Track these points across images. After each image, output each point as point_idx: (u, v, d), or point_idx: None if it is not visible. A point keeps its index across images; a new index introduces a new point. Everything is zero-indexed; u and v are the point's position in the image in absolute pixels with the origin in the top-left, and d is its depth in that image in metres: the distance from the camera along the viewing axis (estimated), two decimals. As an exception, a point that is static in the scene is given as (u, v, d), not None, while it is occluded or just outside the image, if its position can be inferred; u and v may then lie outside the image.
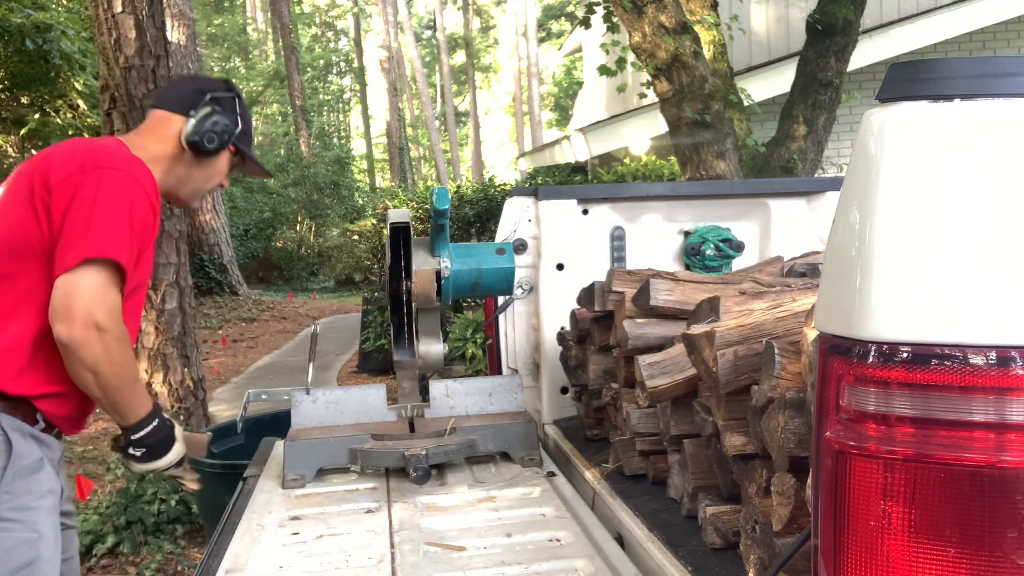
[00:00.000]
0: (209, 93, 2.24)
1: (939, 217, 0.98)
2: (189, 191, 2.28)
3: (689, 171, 6.21)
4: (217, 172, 2.29)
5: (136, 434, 2.08)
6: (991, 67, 1.00)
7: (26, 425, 2.02)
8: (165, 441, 2.14)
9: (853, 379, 1.01)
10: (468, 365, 7.41)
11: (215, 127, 2.18)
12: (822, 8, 6.78)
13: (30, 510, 1.99)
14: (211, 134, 2.18)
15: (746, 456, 1.68)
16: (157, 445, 2.12)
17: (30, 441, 2.03)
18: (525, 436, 2.50)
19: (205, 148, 2.18)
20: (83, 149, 2.02)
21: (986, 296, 0.95)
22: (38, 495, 2.02)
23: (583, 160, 12.09)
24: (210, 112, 2.19)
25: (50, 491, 2.07)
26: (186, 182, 2.25)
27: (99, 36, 5.14)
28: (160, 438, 2.12)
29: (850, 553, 1.02)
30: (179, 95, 2.25)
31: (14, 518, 1.96)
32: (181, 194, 2.27)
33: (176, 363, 5.24)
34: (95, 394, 1.97)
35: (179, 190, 2.26)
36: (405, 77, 36.70)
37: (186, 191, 2.27)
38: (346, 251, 19.51)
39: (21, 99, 10.39)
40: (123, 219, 1.94)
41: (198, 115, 2.18)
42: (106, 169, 1.96)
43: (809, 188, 3.21)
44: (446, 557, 1.88)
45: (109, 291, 1.90)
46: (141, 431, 2.08)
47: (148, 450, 2.12)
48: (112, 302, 1.90)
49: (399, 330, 2.66)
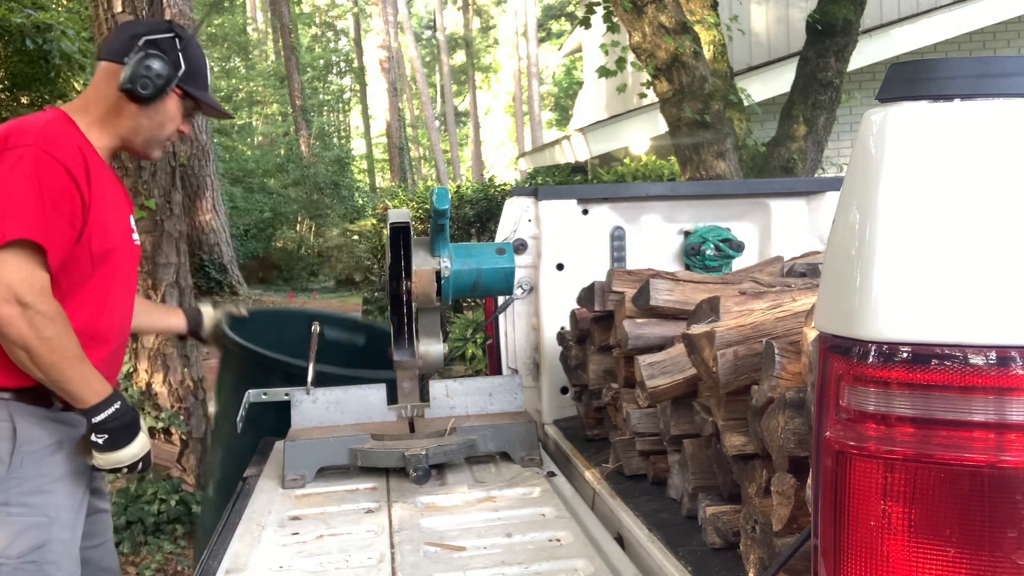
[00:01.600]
0: (144, 37, 2.15)
1: (939, 217, 0.98)
2: (142, 141, 2.22)
3: (689, 171, 6.22)
4: (168, 118, 2.22)
5: (96, 416, 2.04)
6: (991, 67, 1.00)
7: (41, 409, 2.05)
8: (129, 428, 2.10)
9: (853, 379, 1.01)
10: (468, 365, 7.42)
11: (148, 71, 2.10)
12: (822, 8, 6.78)
13: (42, 493, 2.01)
14: (144, 79, 2.10)
15: (746, 456, 1.68)
16: (120, 431, 2.08)
17: (46, 424, 2.05)
18: (525, 436, 2.50)
19: (140, 94, 2.11)
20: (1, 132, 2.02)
21: (986, 296, 0.95)
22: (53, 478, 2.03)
23: (583, 160, 12.09)
24: (143, 57, 2.11)
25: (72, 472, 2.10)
26: (136, 132, 2.19)
27: (99, 36, 5.14)
28: (123, 423, 2.08)
29: (850, 553, 1.02)
30: (115, 42, 2.19)
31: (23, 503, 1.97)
32: (136, 145, 2.23)
33: (176, 363, 5.24)
34: (35, 374, 1.95)
35: (133, 142, 2.21)
36: (405, 77, 36.70)
37: (139, 141, 2.22)
38: (346, 251, 19.50)
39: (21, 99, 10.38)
40: (31, 195, 1.91)
41: (131, 60, 2.11)
42: (10, 151, 1.95)
43: (809, 188, 3.21)
44: (446, 557, 1.88)
45: (26, 267, 1.89)
46: (101, 413, 2.04)
47: (110, 436, 2.07)
48: (35, 279, 1.90)
49: (399, 330, 2.66)
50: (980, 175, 0.97)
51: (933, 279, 0.97)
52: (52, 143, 1.99)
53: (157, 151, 2.29)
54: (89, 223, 2.04)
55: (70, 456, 2.08)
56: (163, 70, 2.12)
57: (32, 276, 1.90)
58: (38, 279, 1.91)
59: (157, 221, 4.99)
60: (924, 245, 0.97)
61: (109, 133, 2.17)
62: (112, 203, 2.19)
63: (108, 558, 2.34)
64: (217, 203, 15.57)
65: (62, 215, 1.97)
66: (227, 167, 20.82)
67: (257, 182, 22.08)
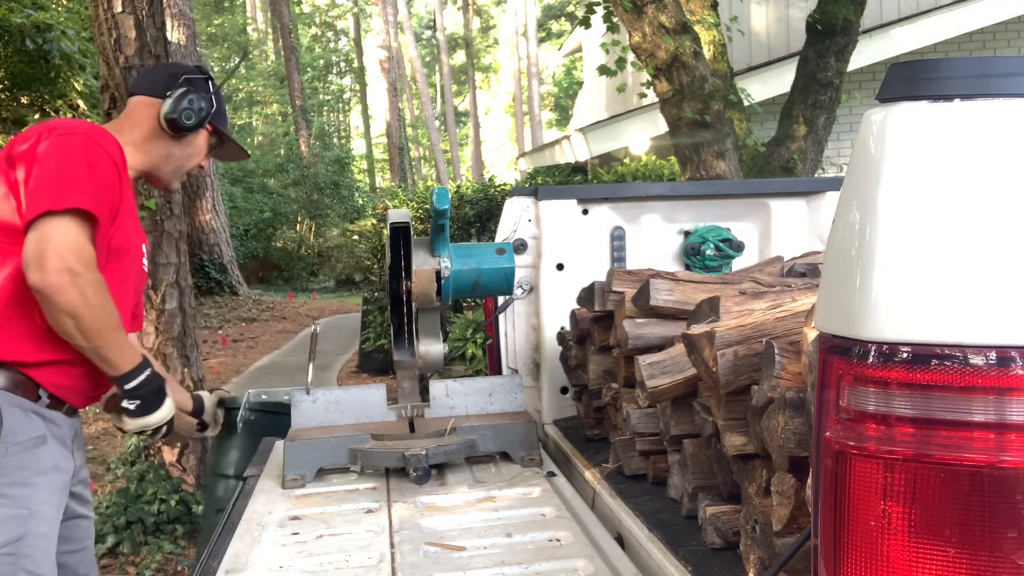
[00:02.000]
0: (183, 75, 2.35)
1: (939, 217, 0.98)
2: (170, 170, 2.37)
3: (689, 171, 6.22)
4: (196, 151, 2.40)
5: (129, 383, 2.10)
6: (991, 67, 1.00)
7: (27, 401, 2.05)
8: (158, 393, 2.18)
9: (853, 379, 1.01)
10: (468, 365, 7.42)
11: (191, 105, 2.29)
12: (822, 8, 6.78)
13: (24, 486, 2.00)
14: (188, 111, 2.29)
15: (746, 456, 1.68)
16: (150, 396, 2.15)
17: (31, 417, 2.05)
18: (525, 436, 2.50)
19: (183, 124, 2.29)
20: (42, 125, 2.13)
21: (986, 296, 0.95)
22: (36, 472, 2.03)
23: (583, 160, 12.09)
24: (186, 91, 2.30)
25: (55, 468, 2.09)
26: (167, 161, 2.35)
27: (99, 36, 5.14)
28: (153, 388, 2.15)
29: (850, 553, 1.02)
30: (154, 79, 2.38)
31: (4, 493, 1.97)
32: (163, 174, 2.37)
33: (176, 363, 5.24)
34: (79, 342, 2.00)
35: (160, 170, 2.35)
36: (405, 77, 36.69)
37: (167, 170, 2.37)
38: (346, 251, 19.51)
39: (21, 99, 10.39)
40: (81, 172, 2.01)
41: (175, 94, 2.29)
42: (62, 134, 2.06)
43: (809, 188, 3.21)
44: (446, 557, 1.88)
45: (78, 237, 1.96)
46: (134, 380, 2.11)
47: (142, 402, 2.14)
48: (83, 247, 1.96)
49: (399, 330, 2.66)
50: (980, 175, 0.97)
51: (933, 279, 0.97)
52: (101, 136, 2.12)
53: (178, 182, 2.45)
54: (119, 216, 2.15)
55: (53, 453, 2.08)
56: (203, 105, 2.32)
57: (83, 246, 1.97)
58: (88, 250, 1.98)
59: (157, 221, 4.99)
60: (924, 245, 0.97)
61: (141, 158, 2.31)
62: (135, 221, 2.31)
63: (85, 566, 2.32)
64: (217, 203, 15.58)
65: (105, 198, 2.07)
66: (227, 167, 20.81)
67: (257, 182, 22.08)
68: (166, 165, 2.36)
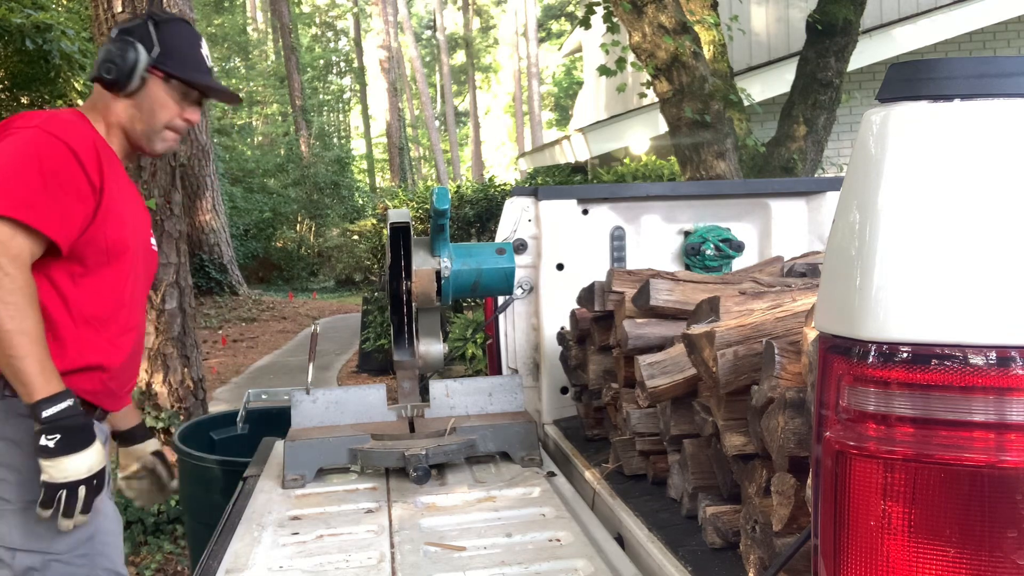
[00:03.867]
0: (119, 30, 2.17)
1: (939, 217, 0.98)
2: (140, 133, 2.17)
3: (689, 171, 6.22)
4: (158, 105, 2.16)
5: (47, 410, 1.85)
6: (991, 67, 1.00)
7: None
8: (83, 430, 1.90)
9: (853, 379, 1.01)
10: (468, 365, 7.41)
11: (110, 56, 2.09)
12: (822, 8, 6.78)
13: None
14: (107, 64, 2.10)
15: (746, 456, 1.68)
16: (74, 431, 1.87)
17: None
18: (525, 436, 2.50)
19: (106, 80, 2.10)
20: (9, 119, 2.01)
21: (986, 296, 0.95)
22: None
23: (583, 160, 12.09)
24: (108, 46, 2.12)
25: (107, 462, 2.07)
26: (131, 124, 2.16)
27: (99, 36, 5.14)
28: (76, 424, 1.88)
29: (850, 553, 1.02)
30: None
31: None
32: (137, 139, 2.18)
33: (176, 363, 5.24)
34: None
35: (132, 136, 2.17)
36: (405, 77, 36.70)
37: (137, 135, 2.17)
38: (346, 251, 19.51)
39: (21, 99, 10.38)
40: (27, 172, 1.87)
41: (100, 51, 2.13)
42: (15, 131, 1.93)
43: (809, 188, 3.21)
44: (446, 557, 1.88)
45: (8, 235, 1.82)
46: (52, 407, 1.85)
47: (63, 436, 1.86)
48: (12, 244, 1.82)
49: (399, 330, 2.66)
50: (980, 175, 0.97)
51: (933, 279, 0.97)
52: (56, 126, 1.96)
53: (158, 143, 2.20)
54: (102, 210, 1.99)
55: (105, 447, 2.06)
56: (127, 53, 2.10)
57: (10, 241, 1.83)
58: (15, 245, 1.84)
59: (157, 221, 4.99)
60: (924, 245, 0.97)
61: (112, 131, 2.15)
62: (130, 203, 2.17)
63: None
64: (217, 203, 15.57)
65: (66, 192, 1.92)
66: (227, 167, 20.83)
67: (257, 182, 22.07)
68: (132, 129, 2.16)
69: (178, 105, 2.18)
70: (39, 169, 1.88)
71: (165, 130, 2.18)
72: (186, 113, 2.20)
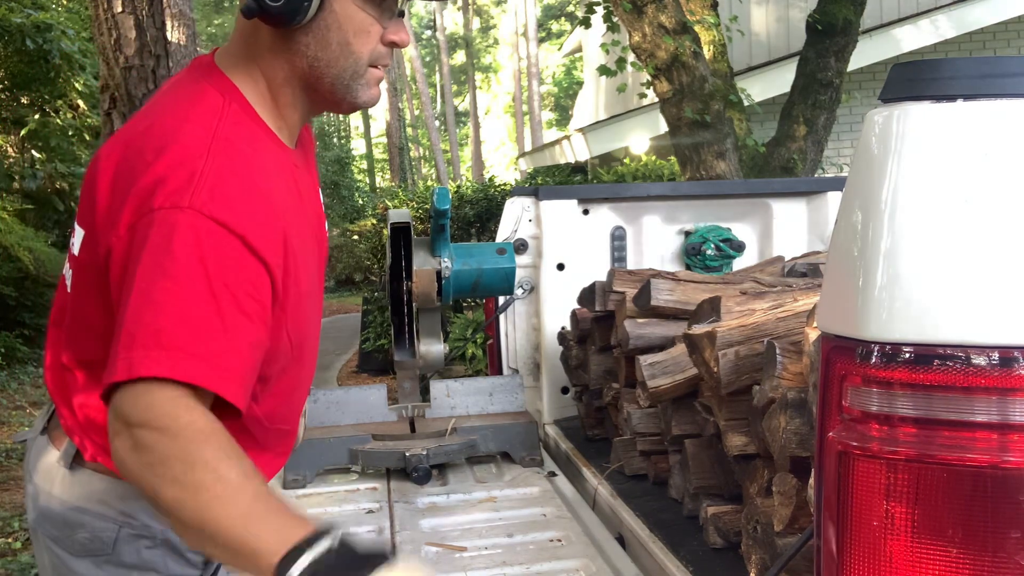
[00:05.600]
0: None
1: (942, 217, 0.97)
2: (334, 81, 1.38)
3: (689, 171, 6.22)
4: (353, 30, 1.35)
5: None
6: (993, 67, 1.00)
7: None
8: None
9: (856, 379, 1.01)
10: (468, 365, 7.41)
11: None
12: (822, 8, 6.78)
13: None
14: None
15: (747, 456, 1.68)
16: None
17: None
18: (526, 436, 2.50)
19: (272, 8, 1.29)
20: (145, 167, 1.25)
21: (988, 296, 0.95)
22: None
23: (583, 160, 12.09)
24: None
25: None
26: (319, 72, 1.37)
27: (99, 36, 5.14)
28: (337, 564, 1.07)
29: (852, 553, 1.02)
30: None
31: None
32: (329, 93, 1.39)
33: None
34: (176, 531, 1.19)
35: (321, 90, 1.39)
36: (405, 77, 36.70)
37: (328, 85, 1.38)
38: (346, 251, 19.49)
39: (21, 99, 10.39)
40: (199, 304, 1.19)
41: None
42: (164, 210, 1.20)
43: (809, 188, 3.21)
44: (447, 557, 1.88)
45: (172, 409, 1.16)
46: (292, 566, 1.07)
47: None
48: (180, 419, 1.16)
49: (399, 330, 2.66)
50: (983, 175, 0.97)
51: (936, 279, 0.97)
52: (218, 198, 1.22)
53: (361, 92, 1.41)
54: (288, 304, 1.34)
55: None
56: None
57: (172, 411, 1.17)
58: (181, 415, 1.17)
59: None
60: (927, 245, 0.97)
61: (284, 93, 1.39)
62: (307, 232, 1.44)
63: None
64: (217, 203, 15.53)
65: (245, 313, 1.23)
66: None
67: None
68: (321, 78, 1.36)
69: (379, 24, 1.39)
70: (210, 293, 1.20)
71: (369, 69, 1.41)
72: (390, 34, 1.40)
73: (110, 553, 1.45)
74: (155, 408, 1.16)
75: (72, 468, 1.45)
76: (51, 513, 1.46)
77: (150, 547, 1.47)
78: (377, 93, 1.44)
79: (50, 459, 1.48)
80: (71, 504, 1.45)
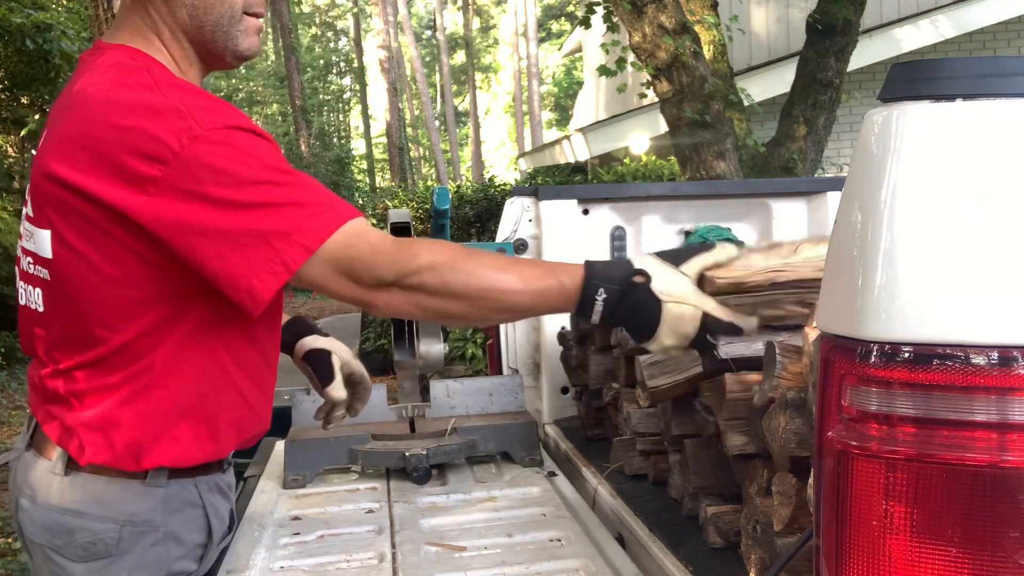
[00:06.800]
0: None
1: (941, 217, 0.98)
2: (211, 30, 1.46)
3: (689, 171, 6.22)
4: None
5: (587, 315, 1.38)
6: (993, 67, 1.00)
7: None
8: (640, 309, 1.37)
9: (855, 379, 1.01)
10: (468, 365, 7.42)
11: None
12: (822, 8, 6.79)
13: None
14: None
15: (747, 456, 1.68)
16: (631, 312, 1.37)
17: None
18: (526, 436, 2.50)
19: None
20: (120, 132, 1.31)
21: (988, 296, 0.95)
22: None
23: (583, 160, 12.10)
24: None
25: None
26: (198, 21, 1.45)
27: (99, 36, 5.15)
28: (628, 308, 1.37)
29: (852, 553, 1.02)
30: None
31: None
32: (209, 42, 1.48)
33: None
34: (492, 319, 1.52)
35: (202, 40, 1.47)
36: (405, 77, 36.70)
37: (207, 34, 1.47)
38: (346, 251, 19.48)
39: (21, 99, 10.40)
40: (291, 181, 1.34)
41: None
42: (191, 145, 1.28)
43: (809, 188, 3.21)
44: (447, 557, 1.88)
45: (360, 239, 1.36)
46: (589, 311, 1.38)
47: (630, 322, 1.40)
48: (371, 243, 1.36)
49: (399, 330, 2.66)
50: (982, 175, 0.97)
51: (935, 279, 0.97)
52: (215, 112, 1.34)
53: (241, 39, 1.49)
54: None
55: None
56: None
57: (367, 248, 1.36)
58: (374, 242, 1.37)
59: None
60: (926, 245, 0.97)
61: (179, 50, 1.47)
62: None
63: None
64: (217, 203, 15.54)
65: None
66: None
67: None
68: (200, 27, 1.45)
69: None
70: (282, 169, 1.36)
71: (244, 16, 1.48)
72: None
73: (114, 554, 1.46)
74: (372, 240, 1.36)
75: (67, 473, 1.46)
76: (49, 522, 1.48)
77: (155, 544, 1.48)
78: (257, 42, 1.54)
79: (41, 470, 1.49)
80: (69, 509, 1.46)
